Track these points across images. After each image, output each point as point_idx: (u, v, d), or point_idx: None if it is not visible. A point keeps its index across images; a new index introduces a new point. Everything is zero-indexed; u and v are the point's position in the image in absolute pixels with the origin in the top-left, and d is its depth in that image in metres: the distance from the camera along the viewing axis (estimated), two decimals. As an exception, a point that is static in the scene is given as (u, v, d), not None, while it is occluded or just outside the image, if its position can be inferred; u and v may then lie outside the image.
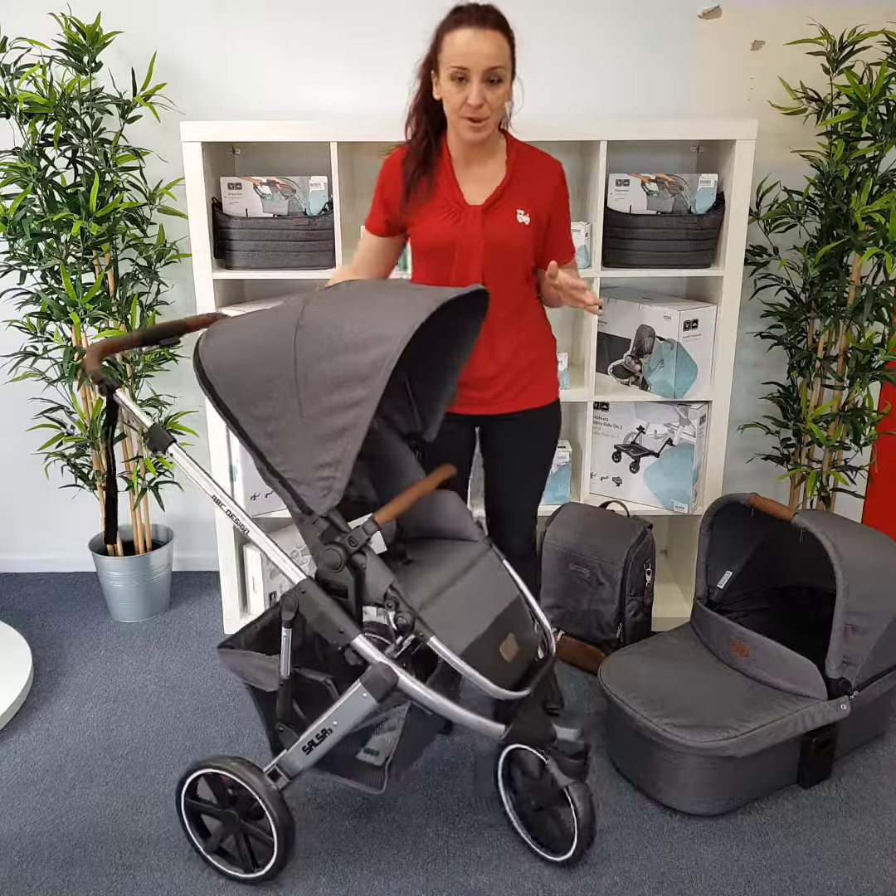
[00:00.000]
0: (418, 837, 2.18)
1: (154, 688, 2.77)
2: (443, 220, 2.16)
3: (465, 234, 2.15)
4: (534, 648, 2.05)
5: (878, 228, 2.63)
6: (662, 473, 2.93)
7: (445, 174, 2.17)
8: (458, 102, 2.01)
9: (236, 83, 2.94)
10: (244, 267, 2.75)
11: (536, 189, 2.19)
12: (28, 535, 3.47)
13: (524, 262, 2.22)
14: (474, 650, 1.86)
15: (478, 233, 2.15)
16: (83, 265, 2.80)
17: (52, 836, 2.20)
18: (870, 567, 2.25)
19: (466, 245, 2.16)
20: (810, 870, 2.09)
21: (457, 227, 2.16)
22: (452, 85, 2.01)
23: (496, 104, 2.03)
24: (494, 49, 1.98)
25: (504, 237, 2.16)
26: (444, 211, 2.16)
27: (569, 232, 2.30)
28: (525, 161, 2.19)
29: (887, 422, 3.19)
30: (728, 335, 2.78)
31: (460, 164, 2.17)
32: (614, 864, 2.10)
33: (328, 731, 1.90)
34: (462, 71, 1.98)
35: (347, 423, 1.74)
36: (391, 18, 2.88)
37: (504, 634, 1.96)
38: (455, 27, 2.00)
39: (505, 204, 2.16)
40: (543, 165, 2.21)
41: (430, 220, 2.17)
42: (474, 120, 2.02)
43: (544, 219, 2.20)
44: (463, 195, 2.17)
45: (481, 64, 1.97)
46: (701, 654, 2.47)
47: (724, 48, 2.90)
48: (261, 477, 1.89)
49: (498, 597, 2.02)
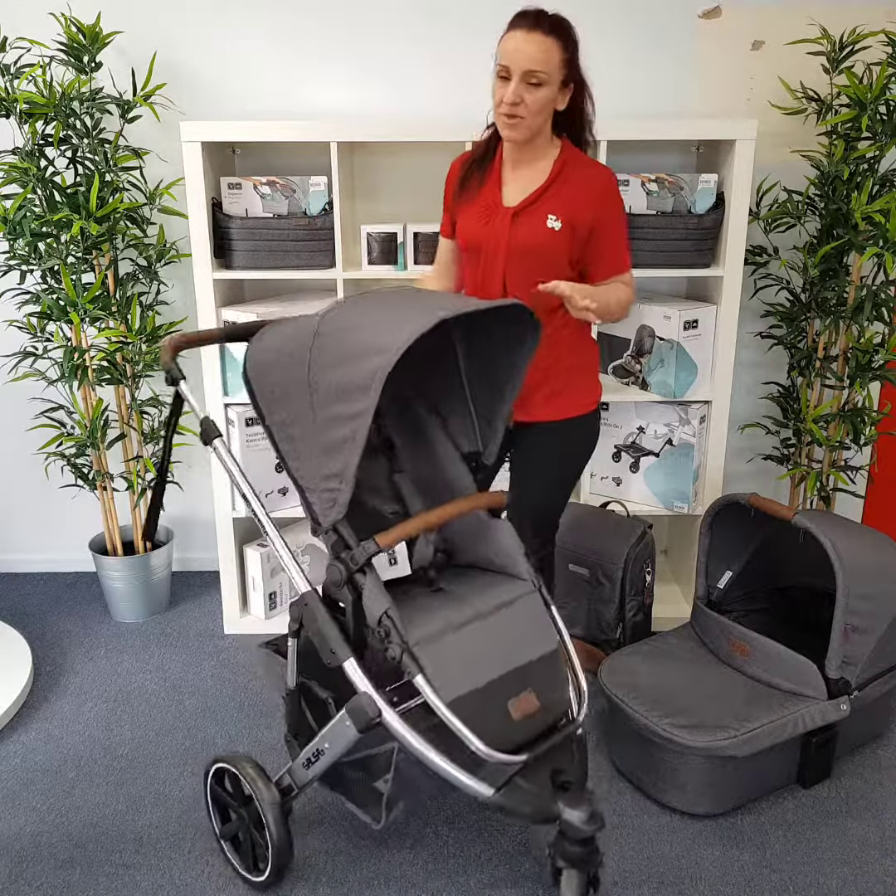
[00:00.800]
0: (418, 837, 2.18)
1: (154, 688, 2.77)
2: (477, 220, 2.19)
3: (492, 235, 2.16)
4: (560, 711, 1.85)
5: (878, 228, 2.63)
6: (662, 473, 2.93)
7: (494, 175, 2.21)
8: (498, 99, 2.07)
9: (236, 83, 2.94)
10: (244, 267, 2.75)
11: (576, 195, 2.13)
12: (28, 535, 3.47)
13: (552, 267, 2.17)
14: (470, 699, 1.71)
15: (503, 235, 2.15)
16: (83, 265, 2.80)
17: (52, 836, 2.20)
18: (870, 567, 2.25)
19: (492, 247, 2.17)
20: (810, 870, 2.09)
21: (487, 227, 2.17)
22: (497, 82, 2.07)
23: (534, 106, 2.04)
24: (539, 53, 2.01)
25: (528, 241, 2.14)
26: (482, 211, 2.19)
27: (620, 243, 2.20)
28: (572, 166, 2.16)
29: (887, 422, 3.19)
30: (728, 335, 2.78)
31: (508, 165, 2.20)
32: (614, 864, 2.10)
33: (321, 752, 1.84)
34: (505, 69, 2.04)
35: (347, 434, 1.70)
36: (391, 18, 2.88)
37: (522, 688, 1.77)
38: (511, 29, 2.05)
39: (539, 208, 2.14)
40: (591, 171, 2.16)
41: (469, 218, 2.21)
42: (509, 116, 2.06)
43: (582, 226, 2.14)
44: (501, 197, 2.18)
45: (521, 65, 2.01)
46: (701, 654, 2.47)
47: (724, 48, 2.90)
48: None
49: (528, 644, 1.83)
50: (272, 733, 2.55)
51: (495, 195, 2.19)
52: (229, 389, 2.84)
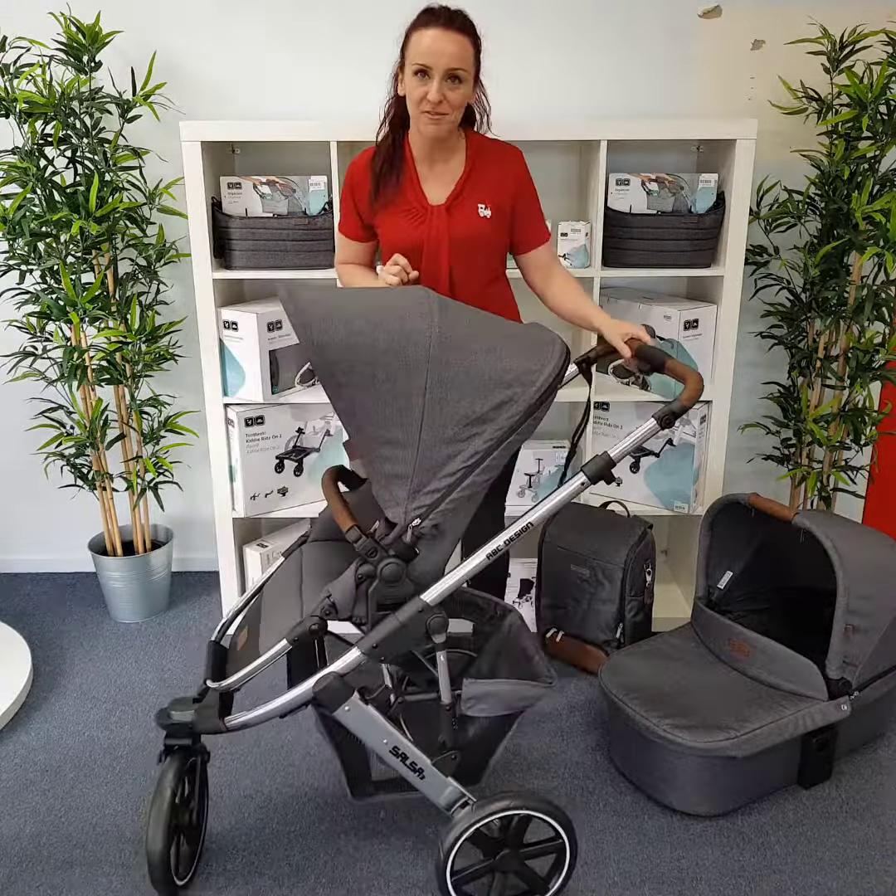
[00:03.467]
0: (418, 837, 2.18)
1: (154, 688, 2.77)
2: (408, 222, 2.22)
3: (431, 233, 2.21)
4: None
5: (878, 228, 2.62)
6: (662, 473, 2.93)
7: (409, 175, 2.23)
8: (419, 96, 2.08)
9: (236, 83, 2.94)
10: (244, 267, 2.75)
11: (496, 180, 2.23)
12: (28, 535, 3.47)
13: (489, 254, 2.27)
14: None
15: (443, 231, 2.20)
16: (83, 265, 2.80)
17: (51, 836, 2.20)
18: (870, 567, 2.25)
19: (433, 244, 2.21)
20: (810, 870, 2.09)
21: (422, 227, 2.22)
22: (415, 80, 2.08)
23: (456, 102, 2.09)
24: (458, 50, 2.05)
25: (468, 233, 2.21)
26: (409, 213, 2.22)
27: (538, 217, 2.31)
28: (483, 154, 2.24)
29: (888, 422, 3.19)
30: (728, 335, 2.78)
31: (422, 163, 2.23)
32: (614, 864, 2.10)
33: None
34: (425, 68, 2.05)
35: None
36: (391, 19, 2.87)
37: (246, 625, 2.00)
38: (423, 27, 2.06)
39: (466, 200, 2.22)
40: (502, 155, 2.25)
41: (396, 221, 2.23)
42: (433, 114, 2.08)
43: (508, 209, 2.25)
44: (426, 196, 2.23)
45: (443, 63, 2.04)
46: (701, 655, 2.47)
47: (724, 48, 2.90)
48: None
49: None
50: (272, 734, 2.55)
51: (418, 195, 2.22)
52: (229, 389, 2.84)
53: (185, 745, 1.92)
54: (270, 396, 2.81)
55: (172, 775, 1.89)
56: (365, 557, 1.76)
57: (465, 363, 1.72)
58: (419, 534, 1.76)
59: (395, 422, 1.73)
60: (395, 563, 1.76)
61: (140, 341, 2.86)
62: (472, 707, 1.91)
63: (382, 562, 1.76)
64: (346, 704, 1.83)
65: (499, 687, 1.92)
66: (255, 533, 3.21)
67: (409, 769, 1.89)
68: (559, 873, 1.96)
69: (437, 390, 1.71)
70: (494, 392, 1.72)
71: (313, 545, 2.17)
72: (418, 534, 1.75)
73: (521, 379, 1.72)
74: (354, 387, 1.70)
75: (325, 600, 1.79)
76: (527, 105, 2.26)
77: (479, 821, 1.87)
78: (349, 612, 1.79)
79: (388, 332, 1.70)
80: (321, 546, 2.15)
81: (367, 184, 2.25)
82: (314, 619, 1.78)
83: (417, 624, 1.80)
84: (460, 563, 1.85)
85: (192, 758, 1.98)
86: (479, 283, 2.29)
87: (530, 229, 2.30)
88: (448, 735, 1.91)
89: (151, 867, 1.88)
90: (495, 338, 1.76)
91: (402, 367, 1.70)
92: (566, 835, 1.92)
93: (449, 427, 1.72)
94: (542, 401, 1.73)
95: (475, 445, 1.73)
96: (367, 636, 1.82)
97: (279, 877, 2.07)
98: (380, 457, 1.75)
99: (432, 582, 1.82)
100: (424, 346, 1.70)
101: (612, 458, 1.80)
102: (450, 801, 1.92)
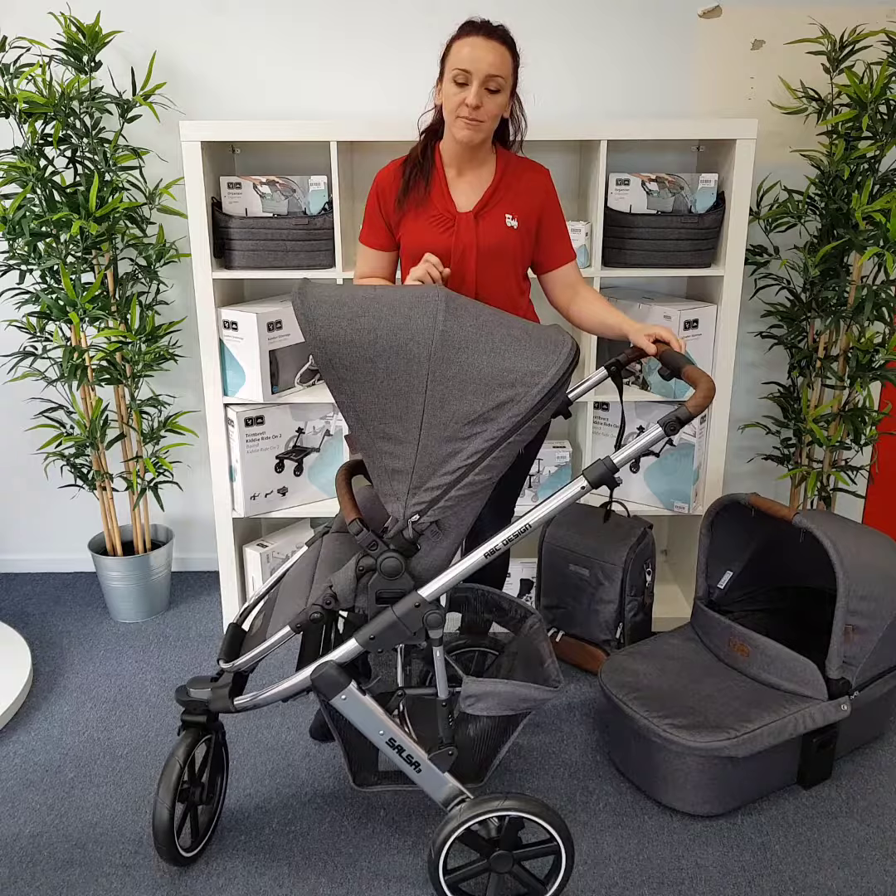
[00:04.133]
0: (418, 838, 2.18)
1: (154, 688, 2.77)
2: (435, 228, 2.22)
3: (460, 240, 2.21)
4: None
5: (878, 228, 2.62)
6: (662, 473, 2.93)
7: (438, 181, 2.24)
8: (457, 103, 2.09)
9: (236, 83, 2.94)
10: (244, 266, 2.75)
11: (523, 194, 2.25)
12: (27, 535, 3.47)
13: (514, 265, 2.27)
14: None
15: (471, 239, 2.21)
16: (83, 265, 2.80)
17: (52, 836, 2.20)
18: (870, 567, 2.25)
19: (460, 251, 2.21)
20: (810, 870, 2.09)
21: (450, 234, 2.21)
22: (453, 87, 2.08)
23: (492, 111, 2.11)
24: (497, 58, 2.06)
25: (493, 241, 2.22)
26: (436, 219, 2.22)
27: (565, 234, 2.33)
28: (512, 168, 2.26)
29: (888, 422, 3.19)
30: (728, 335, 2.78)
31: (452, 171, 2.24)
32: (614, 864, 2.10)
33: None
34: (464, 74, 2.06)
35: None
36: (391, 18, 2.88)
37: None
38: (464, 36, 2.08)
39: (494, 209, 2.22)
40: (530, 172, 2.27)
41: (423, 227, 2.23)
42: (469, 119, 2.09)
43: (533, 225, 2.26)
44: (454, 204, 2.23)
45: (483, 70, 2.05)
46: (701, 655, 2.47)
47: (724, 48, 2.90)
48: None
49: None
50: (272, 733, 2.55)
51: (446, 202, 2.23)
52: (229, 389, 2.84)
53: (199, 722, 2.02)
54: (270, 396, 2.82)
55: (184, 749, 2.00)
56: (366, 550, 1.79)
57: (468, 362, 1.72)
58: (419, 530, 1.78)
59: (395, 418, 1.74)
60: (395, 557, 1.79)
61: (140, 341, 2.86)
62: (472, 705, 1.92)
63: (383, 555, 1.78)
64: (343, 693, 1.88)
65: (499, 687, 1.93)
66: (254, 533, 3.21)
67: (406, 762, 1.93)
68: (556, 875, 1.96)
69: (437, 388, 1.72)
70: (496, 392, 1.72)
71: (332, 536, 2.21)
72: (419, 529, 1.78)
73: (524, 380, 1.73)
74: (355, 382, 1.73)
75: (326, 590, 1.84)
76: (527, 105, 2.26)
77: (469, 819, 1.88)
78: (350, 603, 1.83)
79: (391, 330, 1.71)
80: (339, 537, 2.18)
81: (394, 190, 2.26)
82: (315, 608, 1.83)
83: (414, 618, 1.83)
84: (459, 560, 1.87)
85: (206, 735, 2.06)
86: (507, 294, 2.28)
87: (558, 246, 2.30)
88: (444, 730, 1.93)
89: (156, 832, 1.97)
90: (502, 337, 1.76)
91: (403, 364, 1.72)
92: (560, 837, 1.92)
93: (449, 425, 1.73)
94: (544, 402, 1.73)
95: (476, 444, 1.74)
96: (365, 628, 1.86)
97: (279, 877, 2.07)
98: (380, 451, 1.77)
99: (432, 578, 1.84)
100: (427, 344, 1.71)
101: (616, 464, 1.80)
102: (447, 797, 1.94)
